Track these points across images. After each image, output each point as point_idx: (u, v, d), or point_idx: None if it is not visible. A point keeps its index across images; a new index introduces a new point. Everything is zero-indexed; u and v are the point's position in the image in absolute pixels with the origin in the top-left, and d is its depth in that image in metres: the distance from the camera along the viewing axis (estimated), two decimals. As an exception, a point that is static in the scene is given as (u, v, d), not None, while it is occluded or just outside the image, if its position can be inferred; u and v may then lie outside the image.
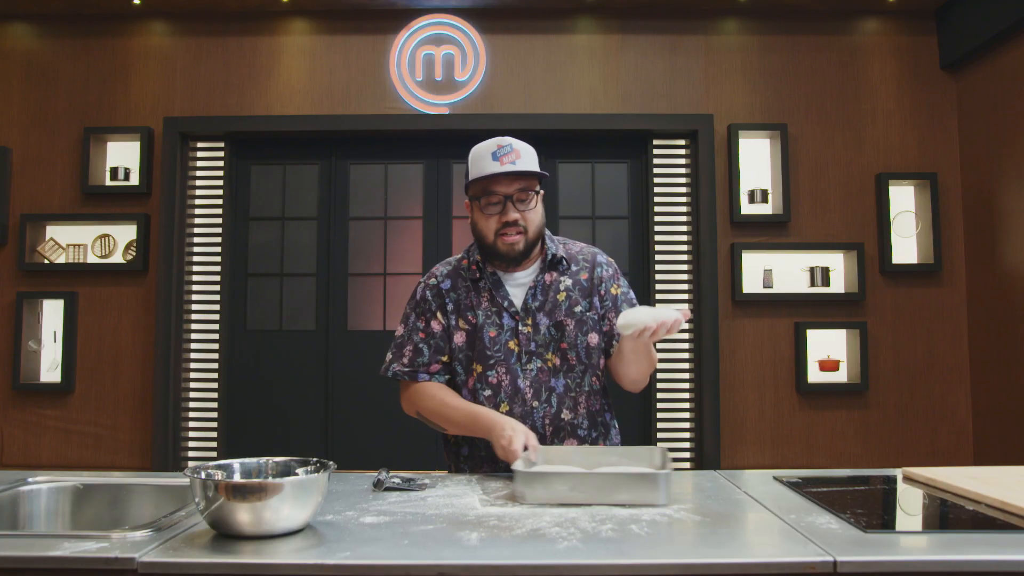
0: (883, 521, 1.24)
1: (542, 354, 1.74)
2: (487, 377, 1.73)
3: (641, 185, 4.50)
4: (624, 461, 1.55)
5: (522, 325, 1.74)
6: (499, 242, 1.71)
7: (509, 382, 1.72)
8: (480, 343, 1.73)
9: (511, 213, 1.69)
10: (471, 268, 1.78)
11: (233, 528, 1.17)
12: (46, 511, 1.59)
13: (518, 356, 1.73)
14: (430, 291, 1.81)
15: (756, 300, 4.26)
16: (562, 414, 1.74)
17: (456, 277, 1.80)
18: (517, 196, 1.70)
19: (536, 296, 1.76)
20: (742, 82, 4.39)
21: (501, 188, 1.70)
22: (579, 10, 4.40)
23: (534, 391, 1.72)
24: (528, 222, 1.71)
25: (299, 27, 4.42)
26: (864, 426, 4.24)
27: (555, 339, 1.75)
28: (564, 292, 1.78)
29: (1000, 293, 3.95)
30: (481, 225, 1.74)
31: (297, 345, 4.47)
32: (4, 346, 4.30)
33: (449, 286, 1.79)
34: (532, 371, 1.73)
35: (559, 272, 1.79)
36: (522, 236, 1.71)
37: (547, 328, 1.74)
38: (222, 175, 4.47)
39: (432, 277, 1.83)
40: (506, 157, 1.68)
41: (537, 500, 1.37)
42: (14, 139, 4.38)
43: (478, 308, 1.75)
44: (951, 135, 4.34)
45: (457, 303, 1.77)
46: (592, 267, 1.83)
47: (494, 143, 1.71)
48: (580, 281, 1.80)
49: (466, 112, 4.36)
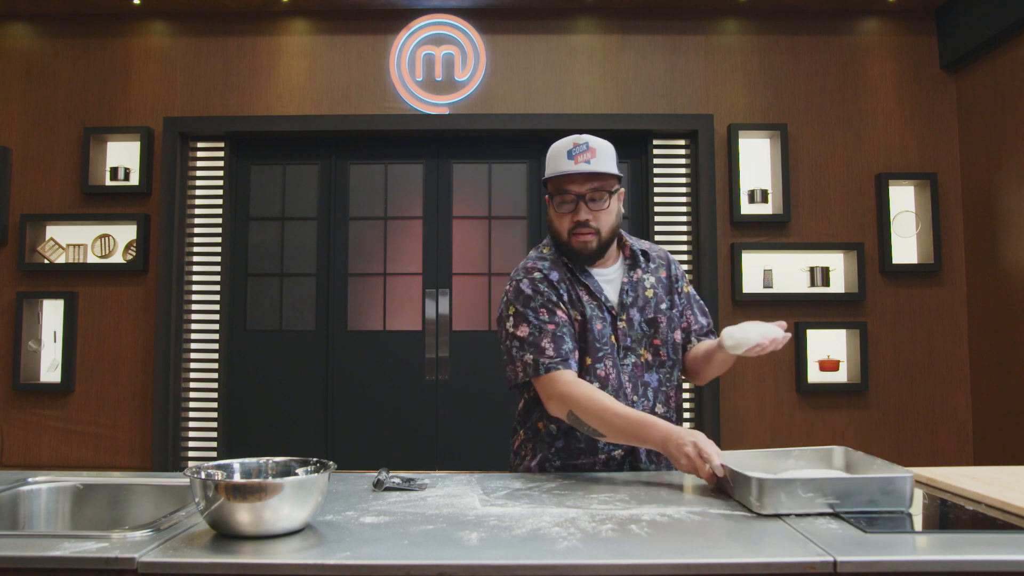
0: (883, 521, 1.24)
1: (635, 349, 1.76)
2: (595, 370, 1.71)
3: (641, 185, 4.50)
4: (804, 464, 1.53)
5: (619, 320, 1.75)
6: (573, 240, 1.72)
7: (615, 375, 1.73)
8: (590, 335, 1.72)
9: (583, 213, 1.69)
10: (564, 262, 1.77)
11: (233, 528, 1.17)
12: (46, 511, 1.59)
13: (618, 350, 1.74)
14: (544, 284, 1.73)
15: (756, 300, 4.26)
16: (656, 408, 1.77)
17: (560, 268, 1.76)
18: (590, 196, 1.69)
19: (628, 292, 1.78)
20: (742, 82, 4.39)
21: (574, 187, 1.69)
22: (579, 10, 4.40)
23: (632, 386, 1.74)
24: (601, 222, 1.71)
25: (299, 27, 4.43)
26: (864, 426, 4.24)
27: (648, 335, 1.77)
28: (651, 289, 1.80)
29: (1000, 293, 3.95)
30: (556, 223, 1.74)
31: (297, 345, 4.47)
32: (4, 346, 4.30)
33: (558, 277, 1.75)
34: (628, 366, 1.74)
35: (641, 269, 1.82)
36: (595, 236, 1.71)
37: (639, 324, 1.77)
38: (222, 175, 4.47)
39: (536, 271, 1.75)
40: (581, 156, 1.67)
41: (775, 509, 1.29)
42: (14, 139, 4.38)
43: (583, 300, 1.74)
44: (951, 135, 4.34)
45: (569, 293, 1.75)
46: (668, 265, 1.87)
47: (571, 140, 1.70)
48: (660, 279, 1.83)
49: (466, 112, 4.36)
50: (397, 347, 4.44)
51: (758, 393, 4.26)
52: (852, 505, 1.28)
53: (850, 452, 1.53)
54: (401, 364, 4.41)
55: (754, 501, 1.31)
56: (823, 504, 1.28)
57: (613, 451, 1.74)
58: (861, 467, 1.48)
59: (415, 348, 4.43)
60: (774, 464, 1.53)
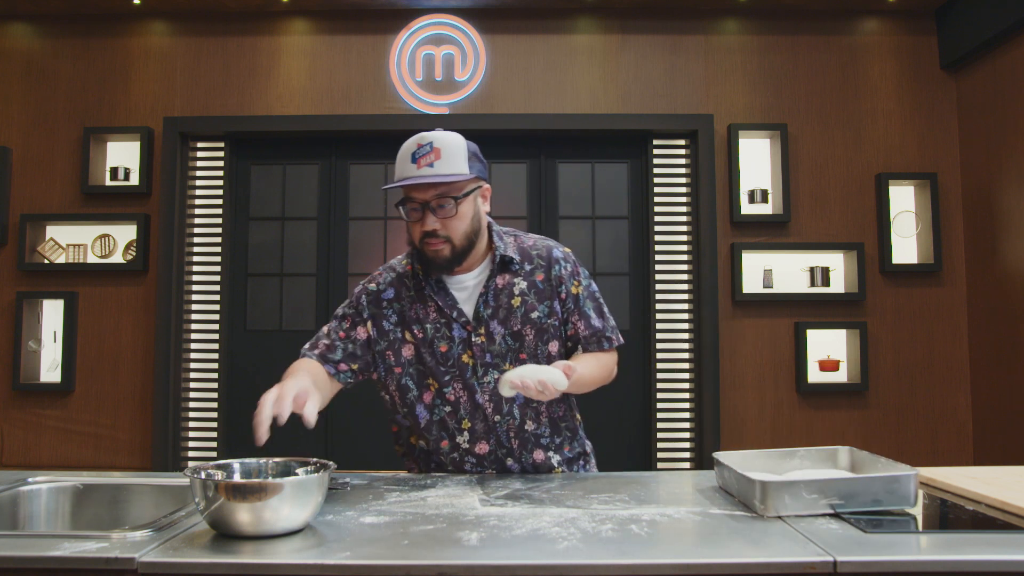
0: (883, 521, 1.24)
1: (499, 365, 1.60)
2: (444, 394, 1.61)
3: (641, 185, 4.50)
4: (808, 463, 1.53)
5: (475, 336, 1.60)
6: (425, 249, 1.56)
7: (467, 398, 1.60)
8: (432, 358, 1.60)
9: (430, 222, 1.53)
10: (414, 274, 1.64)
11: (233, 528, 1.17)
12: (46, 511, 1.59)
13: (473, 370, 1.60)
14: (367, 296, 1.66)
15: (756, 300, 4.26)
16: (526, 425, 1.64)
17: (400, 286, 1.65)
18: (435, 203, 1.52)
19: (488, 303, 1.61)
20: (742, 82, 4.39)
21: (418, 195, 1.53)
22: (579, 10, 4.40)
23: (494, 405, 1.60)
24: (451, 229, 1.54)
25: (299, 27, 4.43)
26: (864, 426, 4.24)
27: (513, 349, 1.62)
28: (519, 297, 1.63)
29: (1000, 293, 3.95)
30: (408, 230, 1.59)
31: (297, 345, 4.44)
32: (4, 346, 4.30)
33: (392, 295, 1.65)
34: (490, 383, 1.60)
35: (511, 273, 1.64)
36: (446, 244, 1.54)
37: (503, 337, 1.61)
38: (222, 175, 4.47)
39: (373, 283, 1.68)
40: (424, 159, 1.50)
41: (779, 512, 1.28)
42: (14, 139, 4.38)
43: (425, 321, 1.61)
44: (951, 135, 4.34)
45: (402, 314, 1.63)
46: (548, 265, 1.67)
47: (415, 141, 1.54)
48: (535, 283, 1.65)
49: (466, 112, 4.36)
50: (397, 347, 4.44)
51: (758, 393, 4.26)
52: (856, 505, 1.28)
53: (854, 452, 1.53)
54: (401, 364, 4.41)
55: (758, 504, 1.31)
56: (826, 505, 1.28)
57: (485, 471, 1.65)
58: (866, 466, 1.48)
59: (415, 348, 4.42)
60: (778, 464, 1.53)
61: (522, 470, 1.65)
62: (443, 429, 1.63)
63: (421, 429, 1.64)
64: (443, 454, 1.64)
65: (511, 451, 1.63)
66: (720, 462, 1.49)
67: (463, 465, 1.65)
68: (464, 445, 1.63)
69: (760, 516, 1.29)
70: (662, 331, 4.33)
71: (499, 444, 1.62)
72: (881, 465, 1.43)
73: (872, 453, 1.49)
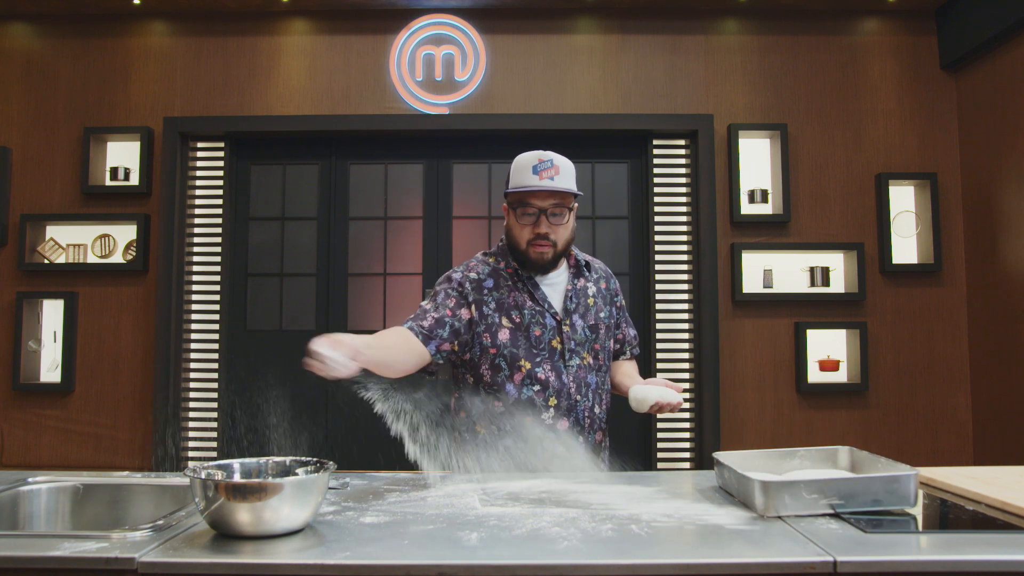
0: (883, 521, 1.24)
1: (579, 352, 1.85)
2: (535, 373, 1.80)
3: (641, 185, 4.50)
4: (809, 463, 1.55)
5: (564, 325, 1.84)
6: (531, 250, 1.81)
7: (555, 378, 1.81)
8: (527, 341, 1.82)
9: (543, 226, 1.79)
10: (508, 270, 1.88)
11: (233, 528, 1.17)
12: (46, 511, 1.59)
13: (560, 354, 1.83)
14: (470, 283, 1.86)
15: (756, 300, 4.26)
16: (595, 408, 1.88)
17: (497, 277, 1.87)
18: (551, 210, 1.79)
19: (573, 299, 1.88)
20: (742, 82, 4.39)
21: (537, 201, 1.79)
22: (579, 10, 4.40)
23: (576, 386, 1.83)
24: (558, 235, 1.81)
25: (299, 27, 4.43)
26: (864, 426, 4.24)
27: (590, 340, 1.87)
28: (592, 298, 1.91)
29: (1000, 293, 3.95)
30: (515, 232, 1.84)
31: (297, 345, 4.44)
32: (4, 346, 4.30)
33: (492, 285, 1.86)
34: (573, 367, 1.83)
35: (584, 278, 1.93)
36: (551, 248, 1.81)
37: (583, 329, 1.86)
38: (222, 175, 4.47)
39: (473, 272, 1.89)
40: (545, 172, 1.76)
41: (779, 512, 1.29)
42: (14, 139, 4.38)
43: (523, 307, 1.83)
44: (951, 135, 4.34)
45: (500, 302, 1.84)
46: (608, 278, 2.01)
47: (536, 156, 1.79)
48: (600, 289, 1.95)
49: (466, 112, 4.36)
50: (397, 347, 4.44)
51: (758, 393, 4.26)
52: (856, 505, 1.29)
53: (855, 452, 1.53)
54: (401, 364, 4.41)
55: (758, 504, 1.30)
56: (826, 505, 1.28)
57: (557, 449, 1.78)
58: (866, 466, 1.49)
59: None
60: (779, 464, 1.54)
61: (586, 449, 1.84)
62: (531, 406, 1.80)
63: (510, 406, 1.80)
64: (525, 429, 1.79)
65: (583, 429, 1.85)
66: (720, 462, 1.49)
67: (543, 441, 1.78)
68: (548, 421, 1.80)
69: (760, 516, 1.29)
70: (662, 331, 4.34)
71: (577, 422, 1.83)
72: (881, 465, 1.43)
73: (872, 453, 1.49)
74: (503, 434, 1.79)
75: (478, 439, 1.83)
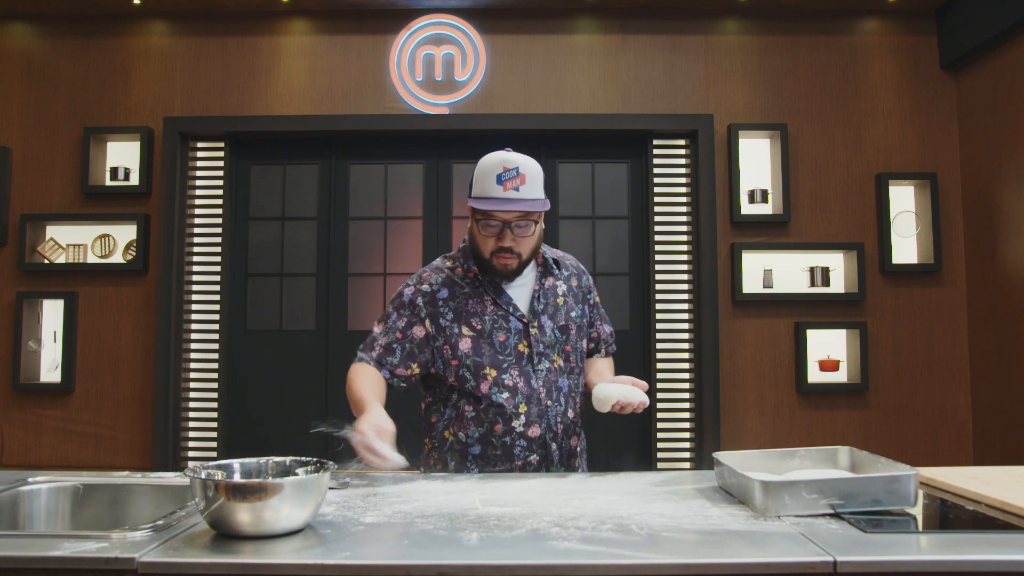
0: (883, 521, 1.24)
1: (549, 355, 1.78)
2: (502, 380, 1.74)
3: (641, 185, 4.50)
4: (809, 463, 1.54)
5: (531, 327, 1.77)
6: (494, 261, 1.73)
7: (524, 383, 1.75)
8: (490, 348, 1.75)
9: (507, 240, 1.70)
10: (468, 276, 1.79)
11: (233, 528, 1.17)
12: (46, 511, 1.59)
13: (529, 358, 1.76)
14: (422, 297, 1.78)
15: (756, 300, 4.26)
16: (568, 413, 1.80)
17: (452, 285, 1.79)
18: (516, 222, 1.70)
19: (540, 300, 1.80)
20: (742, 82, 4.39)
21: (501, 215, 1.69)
22: (579, 10, 4.40)
23: (547, 390, 1.76)
24: (523, 247, 1.73)
25: (299, 27, 4.43)
26: (864, 426, 4.24)
27: (560, 341, 1.80)
28: (562, 297, 1.84)
29: (1000, 293, 3.95)
30: (479, 241, 1.75)
31: (297, 345, 4.47)
32: (4, 346, 4.30)
33: (446, 295, 1.78)
34: (543, 372, 1.77)
35: (553, 276, 1.84)
36: (516, 259, 1.73)
37: (552, 331, 1.79)
38: (222, 175, 4.47)
39: (425, 284, 1.80)
40: (510, 182, 1.66)
41: (779, 512, 1.28)
42: (14, 139, 4.38)
43: (483, 314, 1.76)
44: (951, 135, 4.34)
45: (457, 311, 1.76)
46: (579, 274, 1.92)
47: (500, 163, 1.68)
48: (572, 287, 1.88)
49: (466, 112, 4.36)
50: (397, 347, 4.44)
51: (758, 393, 4.26)
52: (856, 505, 1.28)
53: (855, 452, 1.53)
54: (401, 364, 4.41)
55: (758, 504, 1.30)
56: (826, 505, 1.28)
57: (529, 457, 1.76)
58: (866, 466, 1.49)
59: (415, 348, 4.42)
60: (779, 464, 1.54)
61: (560, 456, 1.80)
62: (500, 413, 1.74)
63: (480, 412, 1.74)
64: (495, 437, 1.75)
65: (556, 436, 1.78)
66: (720, 462, 1.49)
67: (513, 448, 1.75)
68: (519, 428, 1.74)
69: (760, 516, 1.29)
70: (662, 331, 4.34)
71: (549, 428, 1.76)
72: (881, 465, 1.43)
73: (872, 453, 1.49)
74: (471, 441, 1.76)
75: (446, 446, 1.79)
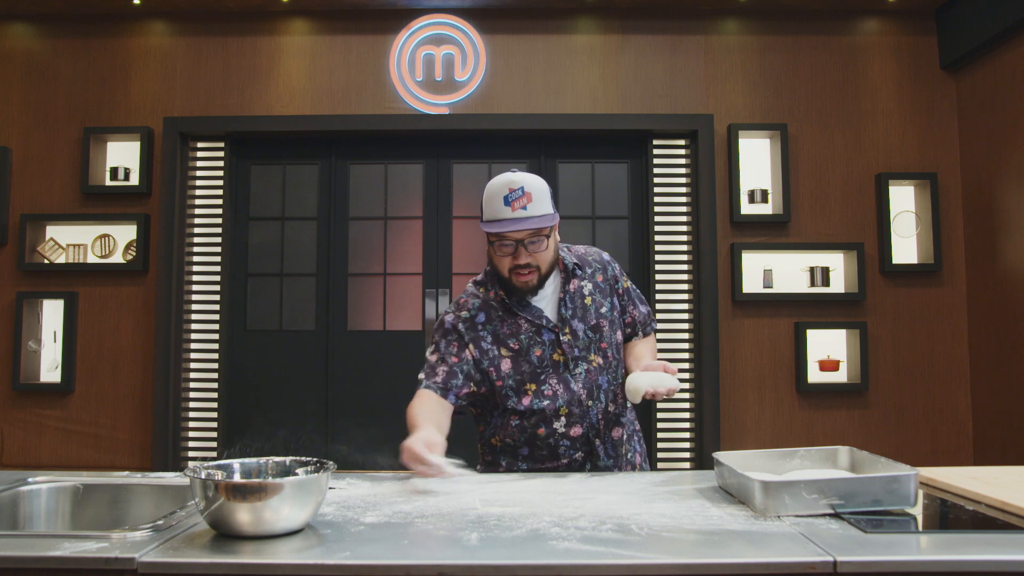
0: (883, 521, 1.24)
1: (585, 357, 1.83)
2: (543, 391, 1.80)
3: (641, 185, 4.50)
4: (808, 463, 1.54)
5: (562, 335, 1.82)
6: (514, 279, 1.78)
7: (564, 389, 1.80)
8: (528, 364, 1.80)
9: (523, 257, 1.75)
10: (497, 298, 1.85)
11: (233, 528, 1.17)
12: (46, 511, 1.59)
13: (565, 365, 1.81)
14: (463, 323, 1.84)
15: (756, 300, 4.26)
16: (609, 408, 1.85)
17: (488, 309, 1.85)
18: (528, 239, 1.74)
19: (567, 305, 1.85)
20: (742, 82, 4.39)
21: (512, 235, 1.74)
22: (579, 10, 4.40)
23: (587, 391, 1.81)
24: (540, 261, 1.77)
25: (299, 27, 4.43)
26: (864, 426, 4.24)
27: (594, 341, 1.85)
28: (589, 296, 1.88)
29: (1000, 293, 3.95)
30: (496, 261, 1.81)
31: (297, 345, 4.47)
32: (4, 346, 4.30)
33: (484, 319, 1.84)
34: (581, 374, 1.82)
35: (577, 278, 1.89)
36: (535, 273, 1.78)
37: (584, 332, 1.84)
38: (222, 175, 4.47)
39: (463, 310, 1.87)
40: (517, 202, 1.72)
41: (779, 512, 1.28)
42: (14, 139, 4.38)
43: (519, 333, 1.82)
44: (951, 135, 4.34)
45: (496, 334, 1.83)
46: (604, 268, 1.95)
47: (506, 184, 1.73)
48: (598, 283, 1.91)
49: (466, 112, 4.36)
50: (397, 347, 4.44)
51: (758, 393, 4.26)
52: (856, 505, 1.28)
53: (855, 451, 1.53)
54: (401, 364, 4.41)
55: (758, 504, 1.30)
56: (826, 505, 1.28)
57: (575, 455, 1.82)
58: (866, 466, 1.49)
59: (415, 348, 4.43)
60: (779, 464, 1.53)
61: (604, 449, 1.84)
62: (542, 419, 1.80)
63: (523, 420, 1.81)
64: (539, 439, 1.80)
65: (599, 431, 1.83)
66: (720, 462, 1.49)
67: (557, 448, 1.81)
68: (561, 430, 1.80)
69: (760, 516, 1.29)
70: (662, 331, 4.34)
71: (591, 426, 1.82)
72: (881, 465, 1.43)
73: (872, 453, 1.49)
74: (519, 444, 1.83)
75: (497, 449, 1.88)
